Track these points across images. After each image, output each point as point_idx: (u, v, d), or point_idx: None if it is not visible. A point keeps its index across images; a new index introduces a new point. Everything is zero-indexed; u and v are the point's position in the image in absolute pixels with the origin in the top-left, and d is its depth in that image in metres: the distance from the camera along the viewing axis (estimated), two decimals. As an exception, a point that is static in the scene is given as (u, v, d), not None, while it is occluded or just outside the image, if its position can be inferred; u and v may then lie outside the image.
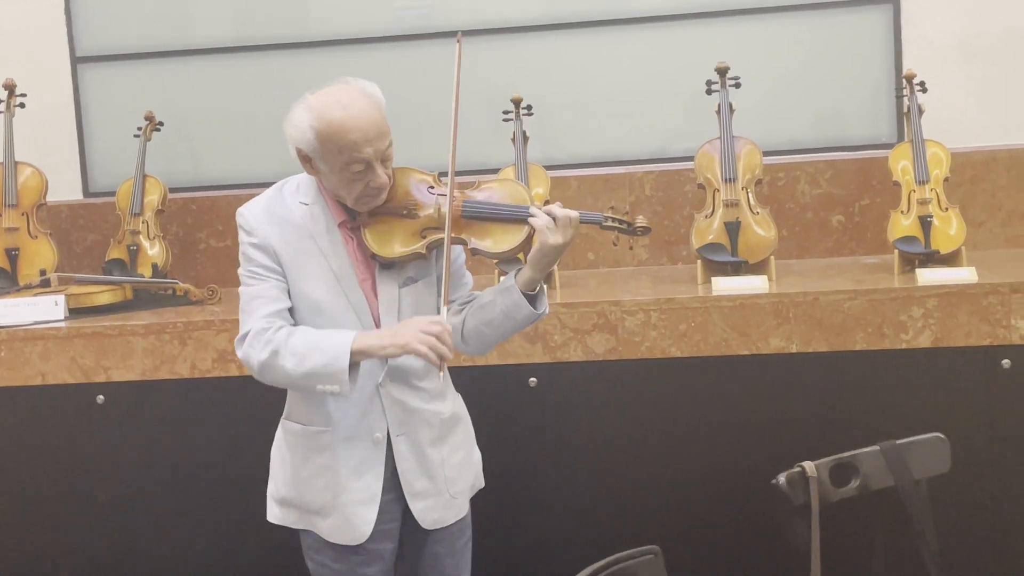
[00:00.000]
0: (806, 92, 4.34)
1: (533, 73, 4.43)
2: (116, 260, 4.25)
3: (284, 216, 2.58)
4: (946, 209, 3.81)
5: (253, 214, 2.59)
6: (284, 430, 2.71)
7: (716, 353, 3.48)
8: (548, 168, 4.11)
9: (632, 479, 3.54)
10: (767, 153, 4.01)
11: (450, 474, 2.68)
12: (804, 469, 2.62)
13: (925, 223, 3.76)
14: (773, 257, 3.81)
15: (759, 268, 3.77)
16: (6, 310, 3.80)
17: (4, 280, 4.19)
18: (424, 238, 2.56)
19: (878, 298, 3.42)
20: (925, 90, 4.02)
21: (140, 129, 4.41)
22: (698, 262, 3.84)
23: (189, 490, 3.68)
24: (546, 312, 2.62)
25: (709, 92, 4.04)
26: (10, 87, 4.36)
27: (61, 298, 3.86)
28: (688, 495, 3.51)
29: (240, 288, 2.59)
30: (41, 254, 4.24)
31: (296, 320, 2.58)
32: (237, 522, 3.63)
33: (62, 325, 3.73)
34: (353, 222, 2.59)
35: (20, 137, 4.33)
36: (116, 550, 3.72)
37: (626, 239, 2.68)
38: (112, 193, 4.44)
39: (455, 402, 2.75)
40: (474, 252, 2.59)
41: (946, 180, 3.88)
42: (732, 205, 3.84)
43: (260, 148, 4.53)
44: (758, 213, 3.84)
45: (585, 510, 3.56)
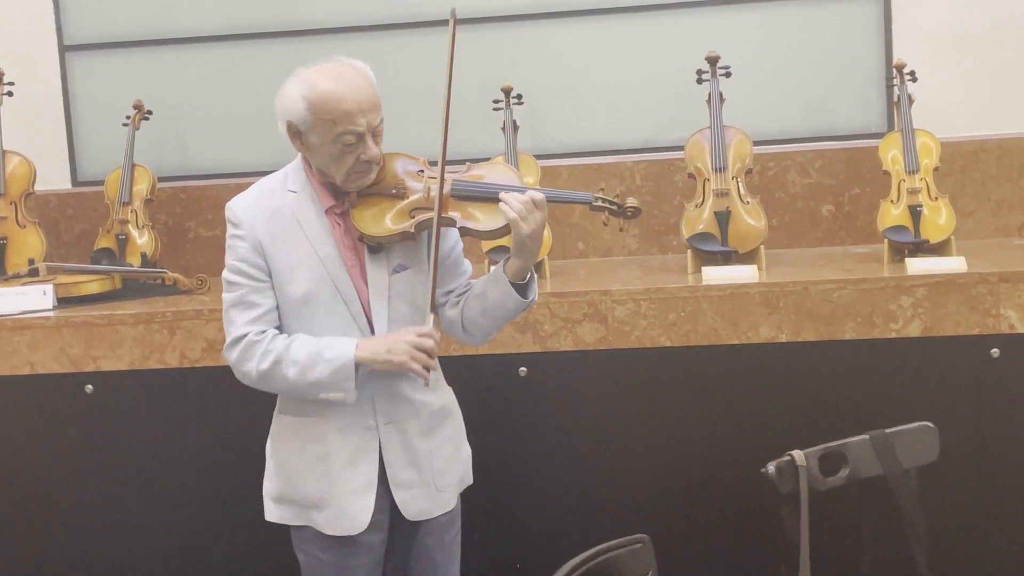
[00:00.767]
0: (796, 81, 4.34)
1: (523, 62, 4.42)
2: (105, 249, 4.23)
3: (272, 206, 2.58)
4: (936, 199, 3.81)
5: (241, 207, 2.59)
6: (278, 423, 2.71)
7: (706, 342, 3.48)
8: (538, 157, 4.10)
9: (622, 468, 3.54)
10: (757, 143, 4.01)
11: (437, 466, 2.67)
12: (793, 458, 2.63)
13: (915, 213, 3.76)
14: (763, 247, 3.81)
15: (749, 258, 3.77)
16: (-6, 299, 3.80)
17: (-8, 269, 4.18)
18: (413, 217, 2.56)
19: (868, 288, 3.43)
20: (915, 79, 4.02)
21: (129, 118, 4.39)
22: (688, 252, 3.84)
23: (179, 479, 3.67)
24: (536, 300, 2.63)
25: (699, 81, 4.03)
26: (-2, 76, 4.35)
27: (50, 287, 3.85)
28: (677, 484, 3.52)
29: (223, 290, 2.60)
30: (29, 243, 4.23)
31: (284, 313, 2.59)
32: (227, 511, 3.62)
33: (51, 314, 3.72)
34: (341, 206, 2.59)
35: (8, 126, 4.32)
36: (105, 539, 3.71)
37: (616, 221, 2.68)
38: (101, 182, 4.42)
39: (446, 395, 2.74)
40: (463, 232, 2.59)
41: (936, 170, 3.89)
42: (722, 195, 3.84)
43: (249, 137, 4.52)
44: (748, 203, 3.84)
45: (574, 499, 3.56)
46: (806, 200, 4.25)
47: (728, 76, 4.01)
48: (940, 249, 3.72)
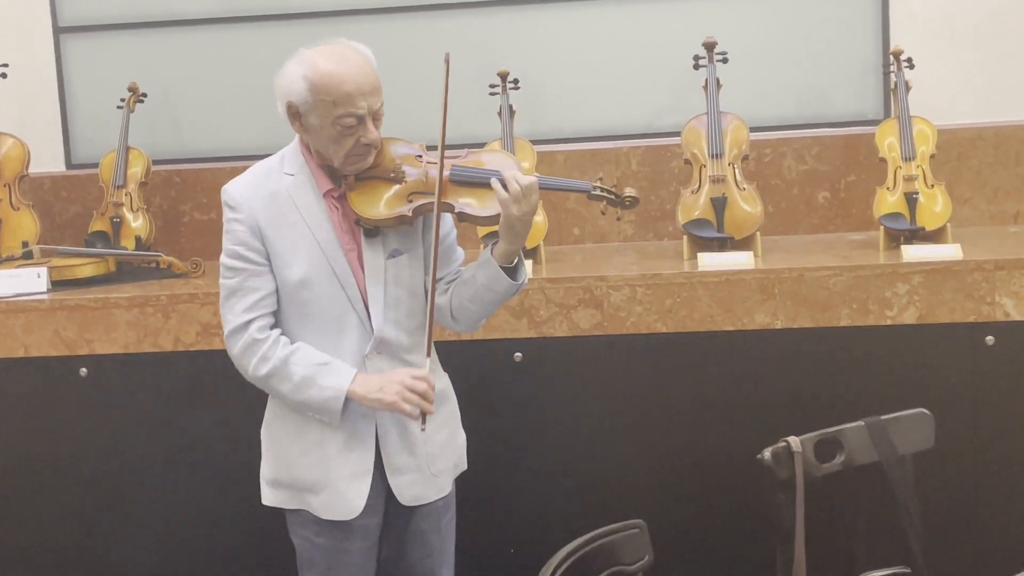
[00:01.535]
0: (793, 68, 4.33)
1: (520, 47, 4.40)
2: (99, 232, 4.22)
3: (269, 189, 2.57)
4: (932, 186, 3.81)
5: (237, 190, 2.58)
6: (274, 407, 2.70)
7: (701, 329, 3.48)
8: (535, 142, 4.09)
9: (617, 453, 3.54)
10: (754, 129, 4.00)
11: (432, 451, 2.67)
12: (789, 444, 2.63)
13: (911, 200, 3.76)
14: (759, 233, 3.80)
15: (745, 244, 3.77)
16: (-12, 282, 3.78)
17: (-14, 252, 4.16)
18: (410, 202, 2.55)
19: (863, 274, 3.43)
20: (912, 67, 4.02)
21: (123, 100, 4.37)
22: (684, 238, 3.83)
23: (173, 463, 3.67)
24: (525, 283, 2.62)
25: (696, 67, 4.02)
26: (-8, 58, 4.33)
27: (44, 270, 3.83)
28: (673, 469, 3.52)
29: (220, 276, 2.59)
30: (23, 226, 4.21)
31: (282, 296, 2.58)
32: (222, 495, 3.62)
33: (45, 297, 3.71)
34: (339, 190, 2.58)
35: (2, 108, 4.31)
36: (100, 522, 3.71)
37: (614, 210, 2.68)
38: (95, 165, 4.40)
39: (442, 380, 2.74)
40: (461, 217, 2.59)
41: (932, 157, 3.88)
42: (718, 181, 3.83)
43: (245, 120, 4.50)
44: (744, 189, 3.84)
45: (570, 484, 3.56)
46: (802, 187, 4.25)
47: (725, 62, 4.00)
48: (936, 236, 3.72)
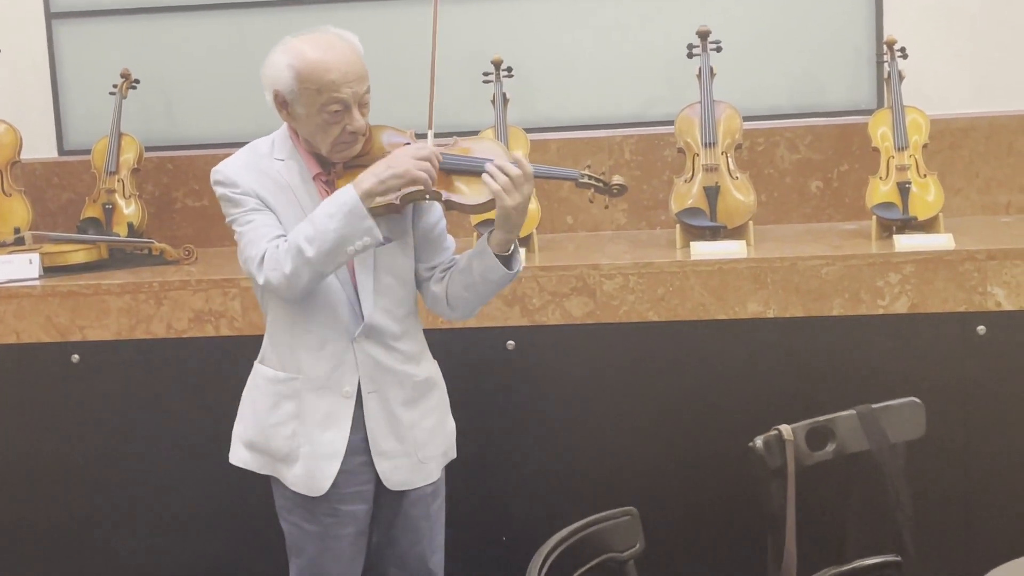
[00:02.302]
0: (786, 57, 4.32)
1: (514, 35, 4.39)
2: (91, 219, 4.21)
3: (261, 169, 2.57)
4: (924, 176, 3.81)
5: (233, 168, 2.58)
6: (256, 373, 2.70)
7: (694, 317, 3.48)
8: (528, 131, 4.08)
9: (608, 442, 3.54)
10: (747, 118, 4.00)
11: (420, 437, 2.68)
12: (780, 432, 2.63)
13: (903, 189, 3.76)
14: (752, 222, 3.80)
15: (737, 233, 3.77)
16: (-21, 268, 3.77)
17: (-23, 238, 4.15)
18: (399, 189, 2.55)
19: (855, 264, 3.43)
20: (906, 56, 4.01)
21: (116, 86, 4.36)
22: (677, 227, 3.83)
23: (164, 450, 3.67)
24: (519, 272, 2.62)
25: (690, 56, 4.02)
26: (-17, 43, 4.31)
27: (36, 256, 3.83)
28: (664, 458, 3.53)
29: (236, 230, 2.55)
30: (15, 212, 4.20)
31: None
32: (212, 482, 3.61)
33: (37, 284, 3.70)
34: (328, 175, 2.58)
35: (-6, 93, 4.30)
36: (91, 510, 3.71)
37: (602, 198, 2.68)
38: (87, 151, 4.39)
39: (431, 367, 2.75)
40: (449, 206, 2.58)
41: (925, 147, 3.88)
42: (712, 170, 3.83)
43: (237, 107, 4.48)
44: (737, 178, 3.84)
45: (562, 472, 3.57)
46: (795, 176, 4.25)
47: (719, 51, 4.00)
48: (928, 226, 3.73)
